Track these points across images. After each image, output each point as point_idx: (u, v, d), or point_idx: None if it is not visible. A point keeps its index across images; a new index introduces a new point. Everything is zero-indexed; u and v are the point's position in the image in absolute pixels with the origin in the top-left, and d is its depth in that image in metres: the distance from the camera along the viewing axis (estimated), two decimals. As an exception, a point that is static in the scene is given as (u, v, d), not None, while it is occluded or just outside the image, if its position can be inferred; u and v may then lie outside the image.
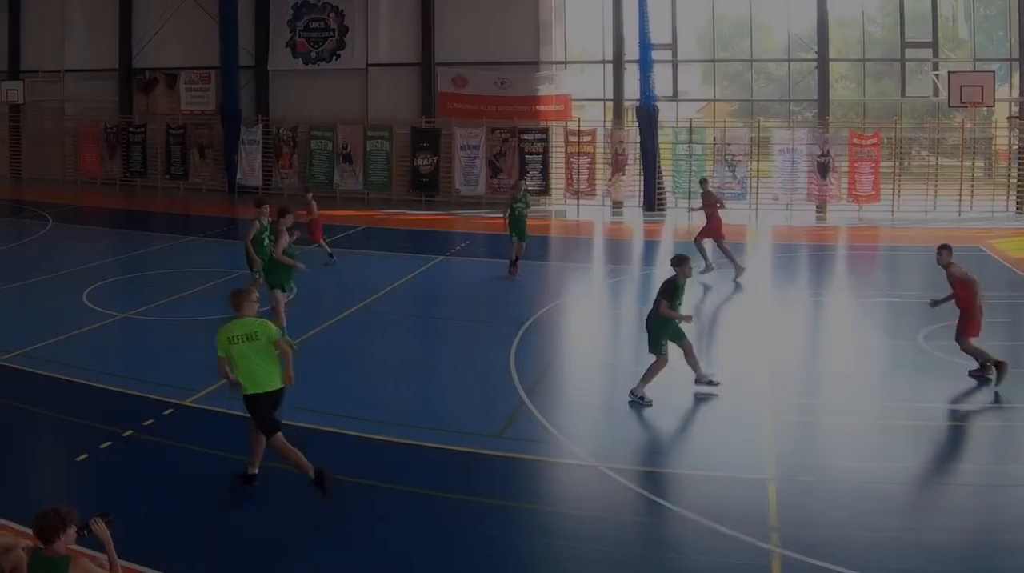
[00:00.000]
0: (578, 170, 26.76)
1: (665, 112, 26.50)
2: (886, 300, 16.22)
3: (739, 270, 17.18)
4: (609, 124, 27.30)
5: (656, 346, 10.52)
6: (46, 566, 5.56)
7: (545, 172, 27.28)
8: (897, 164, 25.24)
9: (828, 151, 24.64)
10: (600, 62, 27.83)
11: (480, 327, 15.00)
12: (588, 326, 15.71)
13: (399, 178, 29.19)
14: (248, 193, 30.26)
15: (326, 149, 29.85)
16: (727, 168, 25.33)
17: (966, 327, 10.98)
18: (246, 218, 24.80)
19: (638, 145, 26.21)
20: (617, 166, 26.56)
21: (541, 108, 27.82)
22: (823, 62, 25.53)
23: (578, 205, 27.04)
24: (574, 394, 11.98)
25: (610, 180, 26.79)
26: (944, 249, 11.33)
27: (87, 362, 12.98)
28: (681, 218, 25.27)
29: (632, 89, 26.64)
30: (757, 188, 25.51)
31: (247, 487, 8.49)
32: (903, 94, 26.64)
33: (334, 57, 30.41)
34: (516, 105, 27.97)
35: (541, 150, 27.36)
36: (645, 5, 25.54)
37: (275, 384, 7.90)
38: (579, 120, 27.40)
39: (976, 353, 11.01)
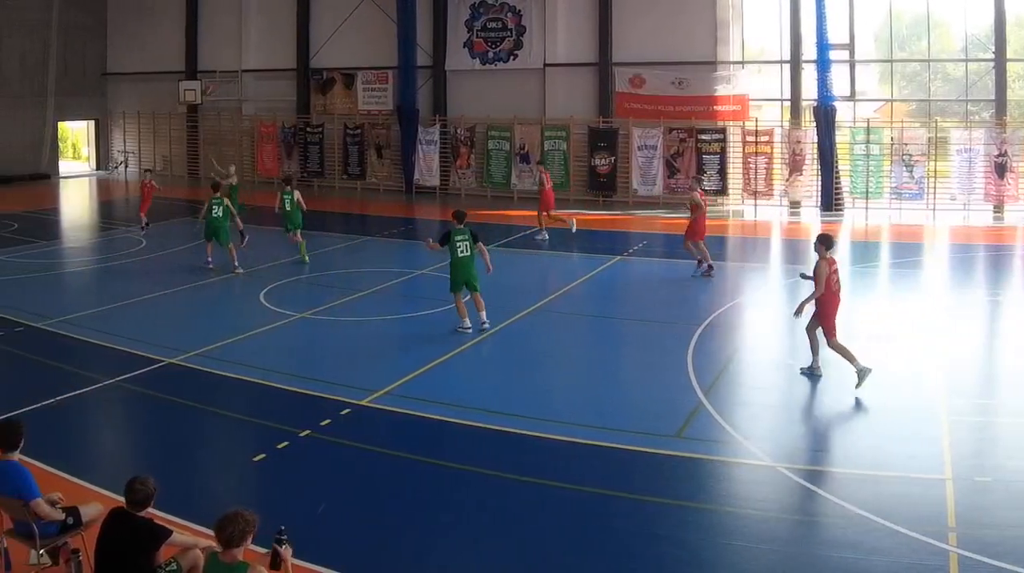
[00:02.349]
0: (755, 170, 32.20)
1: (842, 112, 31.59)
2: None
3: (705, 267, 21.53)
4: (786, 124, 32.44)
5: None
6: (223, 571, 6.65)
7: (722, 172, 32.85)
8: (1075, 164, 29.28)
9: (1006, 151, 29.26)
10: (777, 62, 33.19)
11: (657, 327, 17.44)
12: (765, 326, 17.99)
13: (576, 178, 35.23)
14: (425, 193, 36.86)
15: (503, 149, 36.34)
16: (904, 168, 30.38)
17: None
18: (424, 218, 31.06)
19: (815, 145, 31.30)
20: (794, 166, 31.78)
21: (718, 108, 33.35)
22: (1000, 62, 30.14)
23: (755, 205, 32.27)
24: (751, 394, 13.86)
25: (787, 180, 32.03)
26: (820, 242, 14.00)
27: (264, 362, 15.10)
28: (859, 218, 30.33)
29: (810, 89, 31.81)
30: (934, 188, 30.31)
31: None
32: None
33: (511, 57, 36.80)
34: (693, 105, 33.61)
35: (718, 150, 32.92)
36: (823, 5, 30.56)
37: None
38: (756, 120, 32.64)
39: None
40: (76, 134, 50.69)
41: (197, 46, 43.09)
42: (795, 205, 32.32)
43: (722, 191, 33.03)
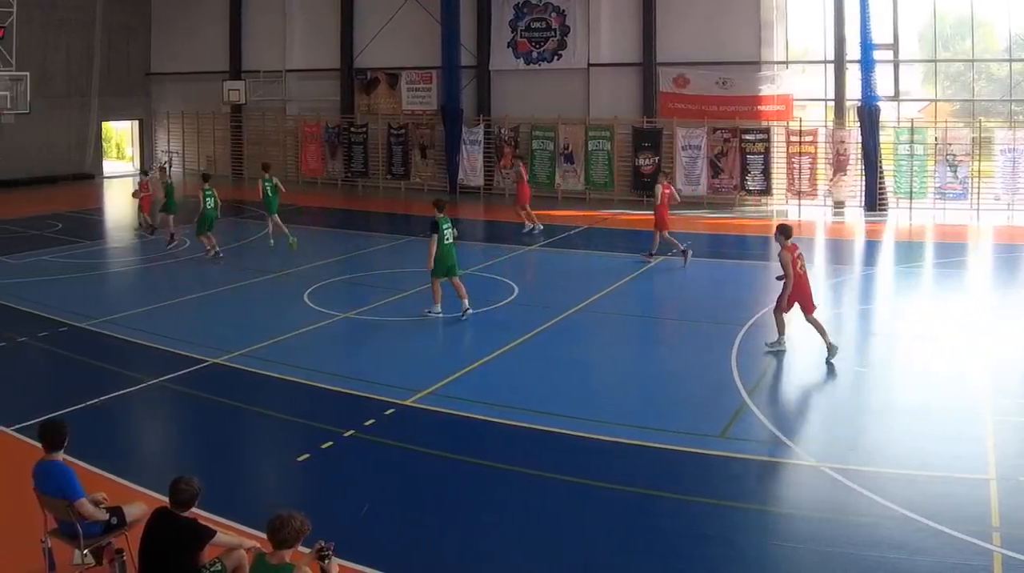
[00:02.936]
0: (799, 170, 33.61)
1: (886, 112, 32.88)
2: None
3: (649, 255, 23.85)
4: (830, 124, 33.76)
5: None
6: (269, 572, 6.88)
7: (766, 172, 34.31)
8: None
9: (1051, 151, 30.55)
10: (821, 62, 34.57)
11: (701, 327, 18.02)
12: (809, 326, 17.42)
13: (620, 178, 36.86)
14: (469, 193, 38.49)
15: (547, 149, 38.00)
16: (948, 168, 31.62)
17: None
18: (468, 218, 32.29)
19: (859, 145, 32.60)
20: (838, 166, 33.19)
21: (762, 108, 34.78)
22: (1045, 62, 31.66)
23: (799, 205, 33.63)
24: (795, 394, 14.53)
25: (831, 180, 33.41)
26: (779, 232, 15.70)
27: (308, 362, 15.60)
28: (903, 218, 31.65)
29: (854, 89, 33.13)
30: (978, 188, 31.54)
31: None
32: None
33: (555, 57, 38.46)
34: (737, 105, 35.10)
35: (762, 150, 34.38)
36: (866, 5, 31.86)
37: None
38: (800, 120, 33.96)
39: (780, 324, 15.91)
40: (120, 134, 53.09)
41: (241, 46, 45.22)
42: (839, 205, 33.60)
43: (766, 191, 34.52)
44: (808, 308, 15.74)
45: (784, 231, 15.80)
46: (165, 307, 19.91)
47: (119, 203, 40.94)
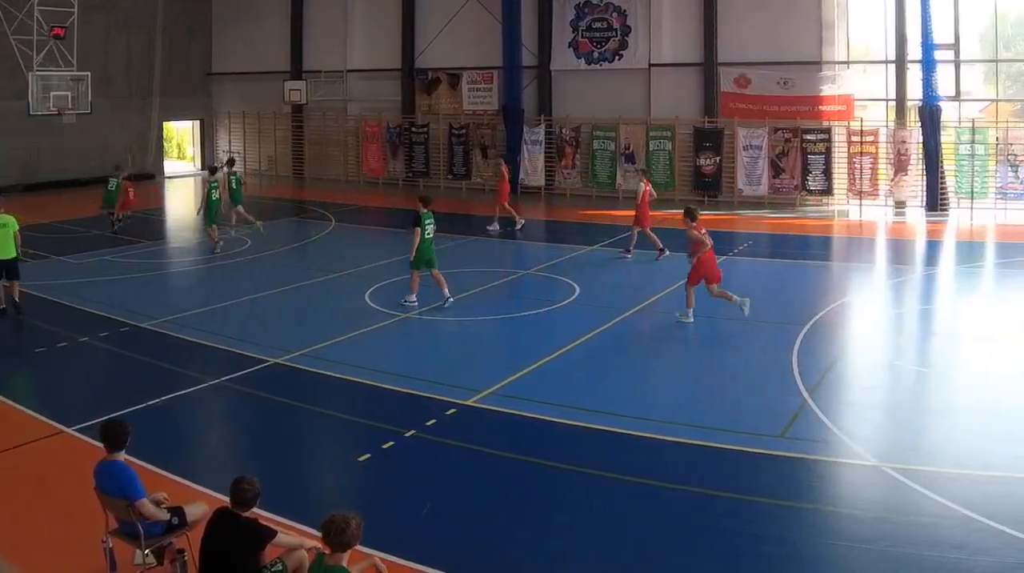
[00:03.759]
0: (860, 170, 35.39)
1: (947, 112, 34.49)
2: None
3: (628, 251, 25.91)
4: (891, 124, 35.44)
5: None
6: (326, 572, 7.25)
7: (827, 172, 36.15)
8: None
9: (1111, 151, 32.06)
10: (882, 62, 36.29)
11: (762, 327, 18.46)
12: (871, 326, 19.29)
13: (681, 178, 38.86)
14: (530, 193, 40.55)
15: (608, 149, 40.15)
16: (1009, 168, 33.18)
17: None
18: (530, 218, 33.64)
19: (920, 145, 34.23)
20: (899, 166, 34.87)
21: (823, 108, 36.55)
22: (1107, 61, 33.21)
23: (860, 205, 35.31)
24: (856, 394, 14.85)
25: (892, 180, 35.12)
26: (686, 214, 19.09)
27: (369, 362, 16.18)
28: (964, 218, 33.20)
29: (915, 89, 34.79)
30: None
31: None
32: None
33: (616, 57, 40.54)
34: (798, 105, 36.89)
35: (823, 150, 36.16)
36: (928, 5, 33.42)
37: None
38: (861, 120, 35.70)
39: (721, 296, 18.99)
40: (181, 134, 55.85)
41: (302, 46, 47.75)
42: (900, 205, 35.19)
43: (827, 191, 36.35)
44: (713, 280, 18.93)
45: (690, 214, 19.13)
46: (226, 307, 20.81)
47: (180, 203, 43.26)
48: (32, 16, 35.89)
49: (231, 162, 32.75)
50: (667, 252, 25.45)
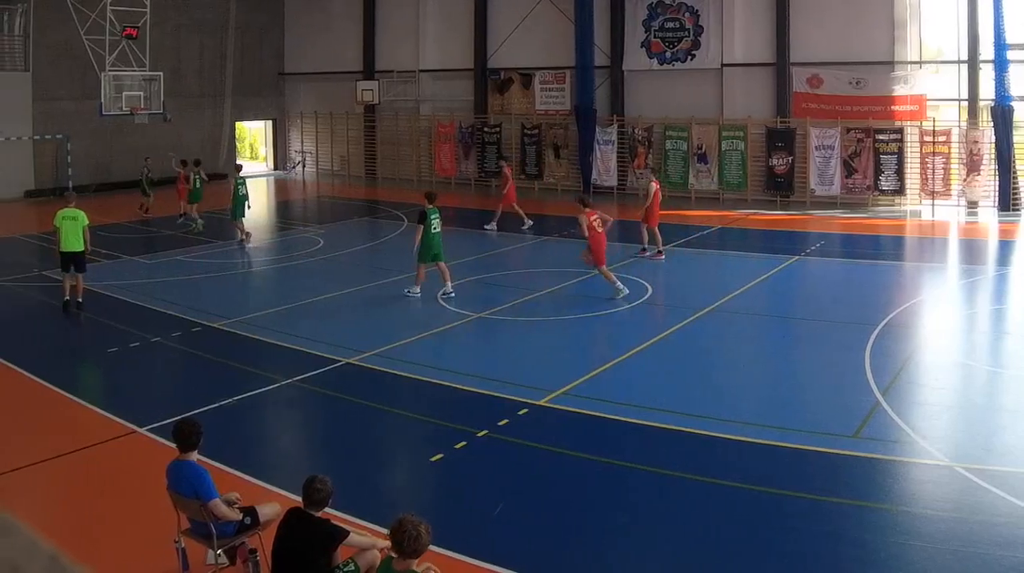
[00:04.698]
0: (933, 170, 37.24)
1: (1020, 112, 36.05)
2: None
3: (653, 250, 27.24)
4: (964, 124, 37.13)
5: None
6: None
7: (900, 172, 38.09)
8: None
9: None
10: (955, 62, 38.07)
11: (834, 327, 19.15)
12: (943, 326, 19.85)
13: (753, 178, 40.97)
14: (603, 193, 42.63)
15: (681, 149, 42.42)
16: None
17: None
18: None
19: (993, 145, 35.90)
20: (972, 166, 36.66)
21: (896, 108, 38.44)
22: None
23: (932, 205, 37.11)
24: (929, 394, 15.14)
25: (965, 180, 36.90)
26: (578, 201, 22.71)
27: (442, 362, 16.88)
28: None
29: (987, 89, 36.48)
30: None
31: None
32: None
33: (689, 57, 42.76)
34: (870, 105, 38.85)
35: (896, 150, 38.12)
36: (1000, 4, 35.04)
37: None
38: (934, 120, 37.54)
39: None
40: (254, 134, 59.08)
41: (375, 46, 50.71)
42: (972, 205, 36.92)
43: (900, 191, 38.27)
44: (599, 262, 21.93)
45: (582, 201, 22.76)
46: (298, 307, 21.60)
47: (252, 203, 44.20)
48: (104, 16, 38.13)
49: (198, 162, 35.61)
50: (663, 256, 26.99)
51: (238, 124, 54.13)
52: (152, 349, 18.38)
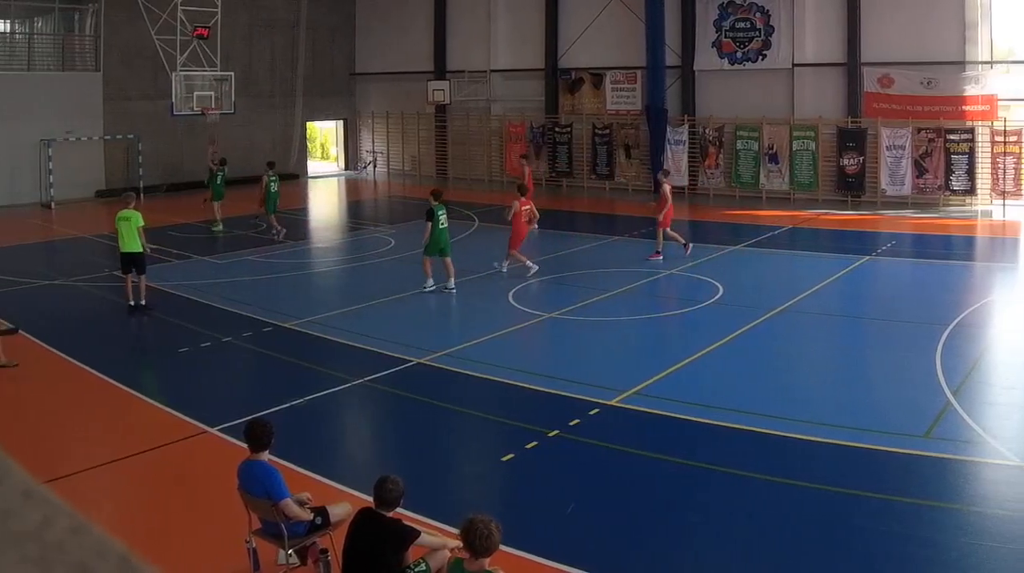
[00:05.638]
0: (1004, 170, 39.00)
1: None
2: None
3: (685, 246, 28.65)
4: None
5: None
6: None
7: (971, 172, 39.89)
8: None
9: None
10: None
11: (905, 327, 19.70)
12: (1014, 326, 20.37)
13: (824, 178, 42.84)
14: (674, 193, 43.10)
15: (752, 149, 44.52)
16: None
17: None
18: (674, 218, 36.18)
19: None
20: None
21: (967, 108, 40.15)
22: None
23: (1003, 205, 38.74)
24: (1001, 394, 15.41)
25: None
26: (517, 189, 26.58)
27: (513, 362, 17.31)
28: None
29: None
30: None
31: None
32: None
33: (760, 57, 44.80)
34: (941, 105, 40.55)
35: (967, 150, 39.85)
36: None
37: None
38: (1005, 120, 39.19)
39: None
40: (325, 134, 61.77)
41: (446, 46, 53.18)
42: (1043, 205, 38.79)
43: (971, 191, 40.01)
44: (514, 246, 25.33)
45: (520, 190, 26.62)
46: (369, 307, 22.30)
47: (323, 203, 47.76)
48: (175, 16, 40.24)
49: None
50: (661, 257, 27.86)
51: (309, 124, 56.83)
52: (223, 349, 19.16)
